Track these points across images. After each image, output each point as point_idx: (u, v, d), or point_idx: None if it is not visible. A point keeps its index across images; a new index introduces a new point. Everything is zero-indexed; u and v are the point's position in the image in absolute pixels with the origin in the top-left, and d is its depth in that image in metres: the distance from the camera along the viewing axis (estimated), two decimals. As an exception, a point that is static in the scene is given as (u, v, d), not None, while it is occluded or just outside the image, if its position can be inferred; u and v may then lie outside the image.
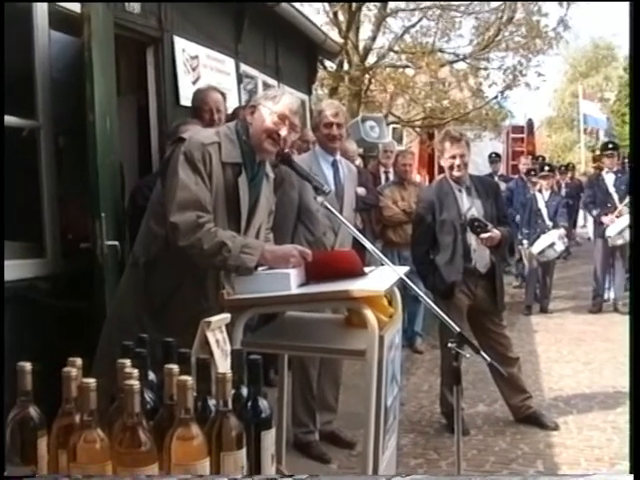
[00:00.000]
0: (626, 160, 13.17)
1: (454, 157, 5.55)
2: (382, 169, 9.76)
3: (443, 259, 5.63)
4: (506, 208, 6.88)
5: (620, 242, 10.21)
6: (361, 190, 7.12)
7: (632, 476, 2.16)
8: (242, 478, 1.95)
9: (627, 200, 10.12)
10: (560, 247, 10.68)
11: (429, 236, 5.72)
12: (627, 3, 4.20)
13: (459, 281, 5.59)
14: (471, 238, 5.58)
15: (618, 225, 10.16)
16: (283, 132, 3.65)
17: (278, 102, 3.68)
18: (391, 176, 9.41)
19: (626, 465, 4.76)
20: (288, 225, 4.98)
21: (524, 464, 5.05)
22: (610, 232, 10.26)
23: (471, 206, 5.62)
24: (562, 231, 10.64)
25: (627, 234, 9.94)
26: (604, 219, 10.41)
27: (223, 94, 5.54)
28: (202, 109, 5.34)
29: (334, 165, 5.24)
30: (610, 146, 11.10)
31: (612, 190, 10.47)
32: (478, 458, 5.17)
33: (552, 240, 10.46)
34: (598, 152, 13.93)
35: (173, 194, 3.49)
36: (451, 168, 5.60)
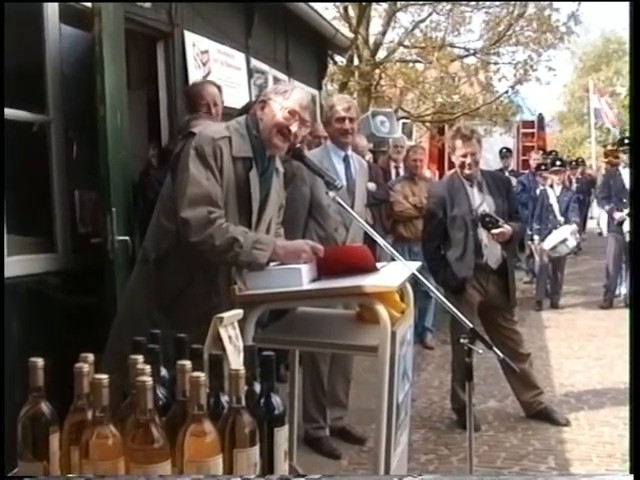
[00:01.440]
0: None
1: (465, 155, 5.53)
2: (392, 164, 9.74)
3: (454, 255, 5.61)
4: (517, 203, 6.85)
5: None
6: (371, 185, 7.11)
7: (632, 476, 2.15)
8: (255, 478, 1.94)
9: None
10: (572, 243, 10.65)
11: (440, 231, 5.70)
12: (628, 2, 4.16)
13: (470, 277, 5.58)
14: (482, 234, 5.57)
15: None
16: (294, 127, 3.63)
17: (289, 97, 3.65)
18: (401, 171, 9.40)
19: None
20: (299, 220, 4.97)
21: (535, 460, 5.04)
22: (626, 227, 10.19)
23: (482, 201, 5.60)
24: (574, 226, 10.61)
25: None
26: (616, 215, 10.37)
27: (219, 87, 5.49)
28: (199, 103, 5.27)
29: (346, 160, 5.22)
30: (627, 141, 11.05)
31: (628, 186, 10.42)
32: (489, 454, 5.16)
33: (564, 236, 10.42)
34: (610, 147, 13.79)
35: (184, 189, 3.47)
36: (462, 166, 5.58)
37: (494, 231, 5.45)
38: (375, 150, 11.96)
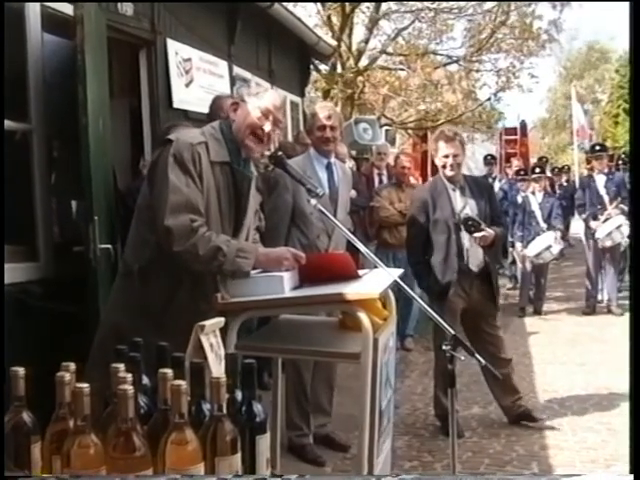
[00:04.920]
0: (619, 161, 13.20)
1: (447, 156, 5.56)
2: (375, 171, 9.78)
3: (437, 259, 5.62)
4: (500, 208, 6.88)
5: (609, 243, 10.28)
6: (352, 192, 7.12)
7: (632, 476, 2.16)
8: (232, 478, 1.93)
9: (617, 202, 10.20)
10: (556, 249, 10.70)
11: (423, 235, 5.71)
12: (626, 6, 4.18)
13: (454, 281, 5.58)
14: (465, 237, 5.58)
15: (607, 227, 10.22)
16: (267, 127, 3.62)
17: (261, 97, 3.65)
18: (385, 178, 9.43)
19: (621, 466, 4.76)
20: (282, 228, 4.98)
21: (519, 466, 5.04)
22: (599, 234, 10.32)
23: (465, 205, 5.62)
24: (558, 233, 10.65)
25: (615, 236, 10.07)
26: (592, 224, 10.46)
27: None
28: (218, 115, 5.27)
29: (329, 168, 5.23)
30: (597, 148, 11.16)
31: (603, 192, 10.51)
32: (473, 460, 5.17)
33: (548, 242, 10.45)
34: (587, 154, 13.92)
35: (165, 197, 3.41)
36: (444, 167, 5.61)
37: (476, 234, 5.46)
38: (358, 157, 11.99)
